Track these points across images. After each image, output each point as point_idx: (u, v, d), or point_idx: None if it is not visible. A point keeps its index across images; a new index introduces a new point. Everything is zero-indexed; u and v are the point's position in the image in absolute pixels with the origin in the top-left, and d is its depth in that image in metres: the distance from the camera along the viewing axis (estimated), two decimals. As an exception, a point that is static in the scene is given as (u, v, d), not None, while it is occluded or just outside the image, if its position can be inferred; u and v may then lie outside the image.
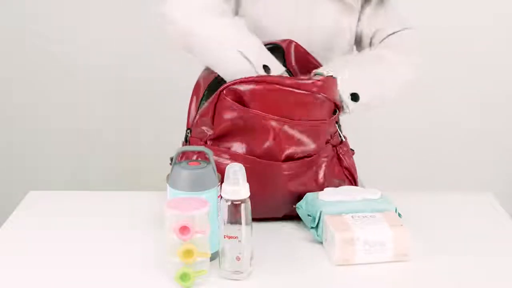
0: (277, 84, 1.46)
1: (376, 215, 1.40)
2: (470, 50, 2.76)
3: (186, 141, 1.58)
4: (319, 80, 1.48)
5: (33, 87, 2.79)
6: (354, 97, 1.57)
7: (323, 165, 1.53)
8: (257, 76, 1.48)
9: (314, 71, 1.57)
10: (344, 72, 1.57)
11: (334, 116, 1.53)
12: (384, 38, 1.71)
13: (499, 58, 2.77)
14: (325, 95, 1.48)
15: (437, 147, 2.84)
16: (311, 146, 1.50)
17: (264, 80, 1.47)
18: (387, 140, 2.81)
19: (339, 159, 1.57)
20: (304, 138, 1.48)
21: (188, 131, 1.58)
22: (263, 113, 1.46)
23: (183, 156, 1.53)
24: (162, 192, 1.57)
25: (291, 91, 1.46)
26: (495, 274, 1.35)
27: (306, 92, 1.47)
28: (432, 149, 2.84)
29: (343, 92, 1.55)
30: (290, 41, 1.62)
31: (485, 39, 2.76)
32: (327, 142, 1.54)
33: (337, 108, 1.54)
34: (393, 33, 1.71)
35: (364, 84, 1.60)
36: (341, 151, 1.57)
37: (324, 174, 1.53)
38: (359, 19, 1.72)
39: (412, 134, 2.82)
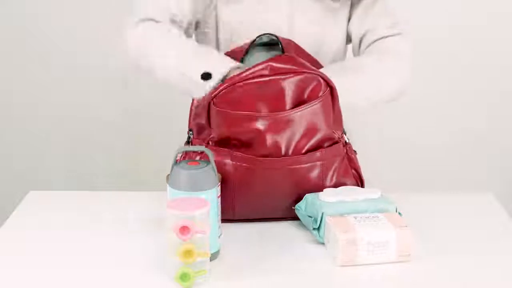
0: (258, 77, 1.46)
1: (378, 215, 1.40)
2: (468, 51, 2.76)
3: (189, 142, 1.58)
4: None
5: (33, 87, 2.79)
6: None
7: (335, 165, 1.53)
8: (238, 75, 1.48)
9: None
10: None
11: (325, 93, 1.49)
12: (374, 41, 1.69)
13: (498, 58, 2.77)
14: (305, 69, 1.47)
15: (437, 148, 2.84)
16: (313, 136, 1.49)
17: (248, 77, 1.47)
18: (387, 141, 2.81)
19: (349, 159, 1.56)
20: (299, 127, 1.47)
21: (190, 132, 1.58)
22: (251, 113, 1.46)
23: (186, 156, 1.53)
24: (162, 192, 1.57)
25: (271, 80, 1.46)
26: (495, 274, 1.35)
27: (285, 76, 1.46)
28: (432, 149, 2.84)
29: None
30: (290, 41, 1.62)
31: (481, 39, 2.75)
32: (336, 142, 1.53)
33: (329, 86, 1.50)
34: (384, 37, 1.68)
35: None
36: (350, 150, 1.57)
37: (336, 174, 1.52)
38: (349, 19, 1.71)
39: (412, 135, 2.82)
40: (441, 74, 2.78)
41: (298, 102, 1.47)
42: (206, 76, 1.53)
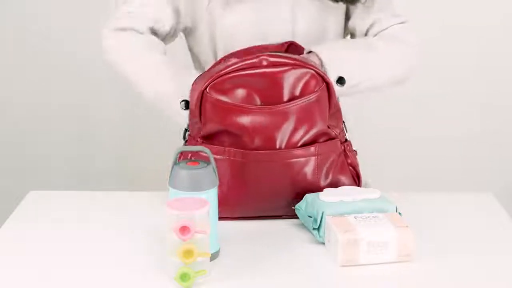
0: (253, 68, 1.47)
1: (379, 215, 1.40)
2: (469, 51, 2.76)
3: (185, 140, 1.58)
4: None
5: (33, 87, 2.79)
6: (341, 80, 1.57)
7: (331, 160, 1.53)
8: (234, 63, 1.48)
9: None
10: (330, 54, 1.57)
11: (321, 88, 1.50)
12: (380, 32, 1.70)
13: (498, 58, 2.77)
14: (301, 63, 1.48)
15: (437, 148, 2.84)
16: (308, 131, 1.49)
17: (242, 68, 1.47)
18: (387, 141, 2.81)
19: (346, 156, 1.57)
20: (294, 120, 1.48)
21: (186, 130, 1.58)
22: (243, 105, 1.46)
23: (181, 156, 1.53)
24: (162, 192, 1.57)
25: (267, 72, 1.47)
26: (495, 274, 1.35)
27: (281, 69, 1.47)
28: (432, 149, 2.84)
29: (330, 75, 1.55)
30: (291, 43, 1.62)
31: (482, 39, 2.75)
32: (333, 138, 1.54)
33: (325, 82, 1.50)
34: (388, 27, 1.69)
35: (352, 66, 1.59)
36: (348, 148, 1.57)
37: (332, 170, 1.53)
38: (349, 16, 1.71)
39: (412, 135, 2.82)
40: (442, 74, 2.77)
41: (293, 96, 1.48)
42: (187, 105, 1.56)
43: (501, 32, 2.76)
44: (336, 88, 1.55)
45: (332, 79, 1.55)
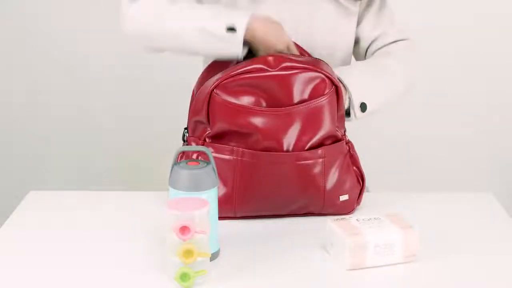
0: (260, 71, 1.47)
1: (380, 217, 1.40)
2: (468, 50, 2.76)
3: (184, 140, 1.58)
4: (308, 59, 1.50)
5: (33, 87, 2.79)
6: (363, 106, 1.58)
7: (337, 162, 1.53)
8: (241, 67, 1.48)
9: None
10: (354, 79, 1.58)
11: (331, 91, 1.50)
12: (385, 45, 1.71)
13: (497, 58, 2.77)
14: (314, 68, 1.48)
15: (436, 148, 2.84)
16: (316, 133, 1.50)
17: (250, 70, 1.47)
18: (387, 141, 2.81)
19: (351, 156, 1.57)
20: (302, 123, 1.48)
21: (185, 130, 1.58)
22: (251, 106, 1.46)
23: (183, 156, 1.53)
24: (162, 192, 1.57)
25: (276, 75, 1.47)
26: (495, 274, 1.35)
27: (290, 72, 1.47)
28: (431, 149, 2.84)
29: (354, 100, 1.57)
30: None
31: (481, 40, 2.76)
32: (339, 140, 1.54)
33: (335, 85, 1.51)
34: (395, 41, 1.71)
35: (373, 93, 1.61)
36: (351, 148, 1.58)
37: (338, 172, 1.53)
38: (359, 23, 1.72)
39: (412, 135, 2.82)
40: (440, 74, 2.78)
41: (302, 99, 1.48)
42: (230, 30, 1.51)
43: (500, 32, 2.76)
44: (358, 114, 1.58)
45: (356, 104, 1.58)
